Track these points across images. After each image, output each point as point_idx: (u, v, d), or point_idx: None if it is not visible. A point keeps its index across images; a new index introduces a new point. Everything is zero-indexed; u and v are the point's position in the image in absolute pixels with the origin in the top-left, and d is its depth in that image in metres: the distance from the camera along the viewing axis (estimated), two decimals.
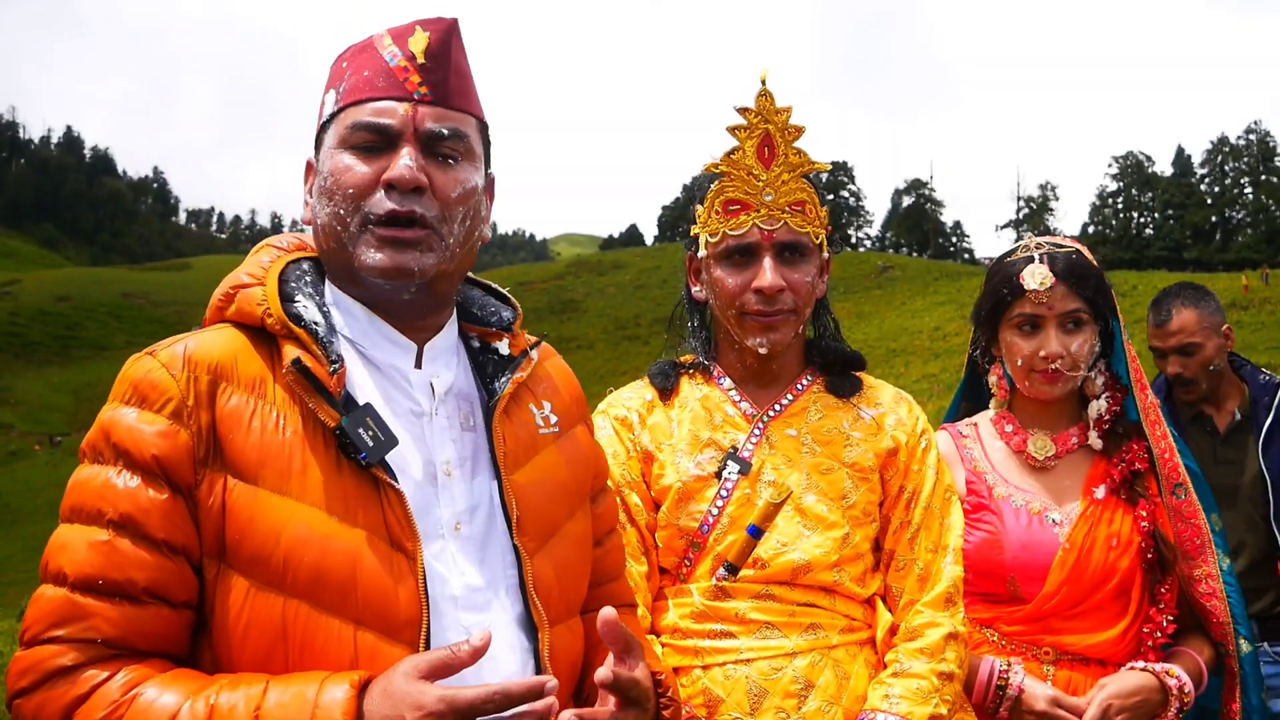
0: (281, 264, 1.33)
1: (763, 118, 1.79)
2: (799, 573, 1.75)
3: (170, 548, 1.17)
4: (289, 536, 1.16)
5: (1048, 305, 2.05)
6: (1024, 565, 2.03)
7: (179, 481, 1.18)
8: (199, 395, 1.20)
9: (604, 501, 1.52)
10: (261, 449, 1.19)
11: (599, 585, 1.48)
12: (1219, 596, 2.07)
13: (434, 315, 1.36)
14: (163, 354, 1.24)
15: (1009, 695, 1.93)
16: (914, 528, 1.83)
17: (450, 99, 1.30)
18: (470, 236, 1.33)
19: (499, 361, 1.39)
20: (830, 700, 1.70)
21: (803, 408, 1.87)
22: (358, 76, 1.30)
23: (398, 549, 1.19)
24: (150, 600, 1.16)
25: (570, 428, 1.45)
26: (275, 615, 1.16)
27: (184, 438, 1.18)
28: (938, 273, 59.38)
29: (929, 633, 1.76)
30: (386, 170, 1.25)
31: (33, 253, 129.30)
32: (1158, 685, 1.95)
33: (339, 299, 1.33)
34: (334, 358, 1.23)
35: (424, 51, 1.29)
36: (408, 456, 1.27)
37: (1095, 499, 2.07)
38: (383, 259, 1.25)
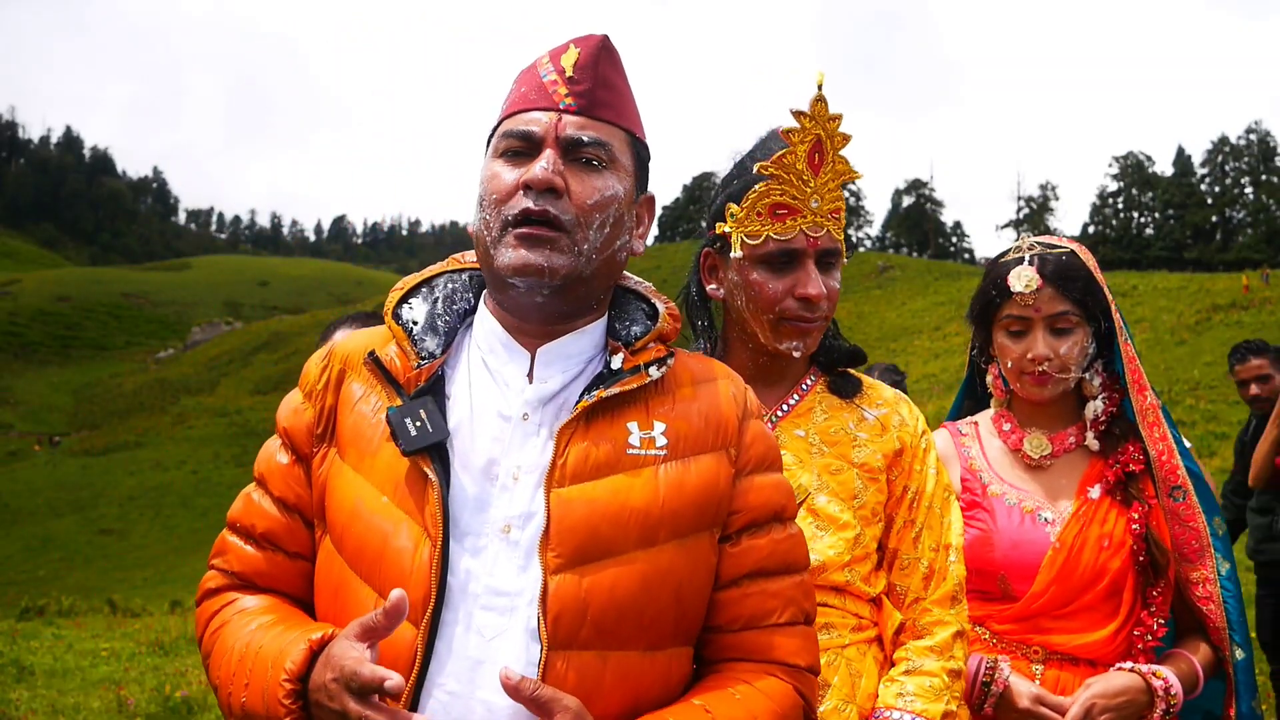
0: (437, 271, 1.47)
1: (817, 122, 1.76)
2: (813, 573, 1.74)
3: (285, 505, 1.39)
4: (350, 508, 1.31)
5: (1034, 308, 2.05)
6: (1014, 563, 2.03)
7: (300, 450, 1.40)
8: (330, 381, 1.40)
9: (748, 541, 1.38)
10: (356, 429, 1.35)
11: (732, 630, 1.37)
12: (1216, 601, 2.06)
13: (565, 322, 1.38)
14: (325, 346, 1.46)
15: (993, 692, 1.93)
16: (918, 527, 1.83)
17: (595, 109, 1.36)
18: (609, 245, 1.35)
19: (606, 375, 1.36)
20: (845, 699, 1.71)
21: (808, 408, 1.88)
22: (516, 94, 1.40)
23: (426, 535, 1.26)
24: (267, 546, 1.39)
25: (688, 455, 1.35)
26: (335, 574, 1.32)
27: (309, 415, 1.40)
28: (938, 273, 59.42)
29: (938, 631, 1.77)
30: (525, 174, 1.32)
31: (33, 253, 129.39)
32: (1143, 686, 1.94)
33: (482, 308, 1.43)
34: (423, 354, 1.35)
35: (573, 65, 1.37)
36: (474, 455, 1.32)
37: (1089, 499, 2.06)
38: (515, 257, 1.31)
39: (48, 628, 12.04)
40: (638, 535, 1.28)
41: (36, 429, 56.04)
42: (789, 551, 1.41)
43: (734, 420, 1.40)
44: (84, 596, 17.21)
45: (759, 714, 1.30)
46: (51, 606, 14.53)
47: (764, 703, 1.31)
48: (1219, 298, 35.60)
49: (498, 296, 1.39)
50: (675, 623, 1.31)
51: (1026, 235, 2.20)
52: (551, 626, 1.24)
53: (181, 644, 10.25)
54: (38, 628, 11.93)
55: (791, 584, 1.40)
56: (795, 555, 1.42)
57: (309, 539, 1.39)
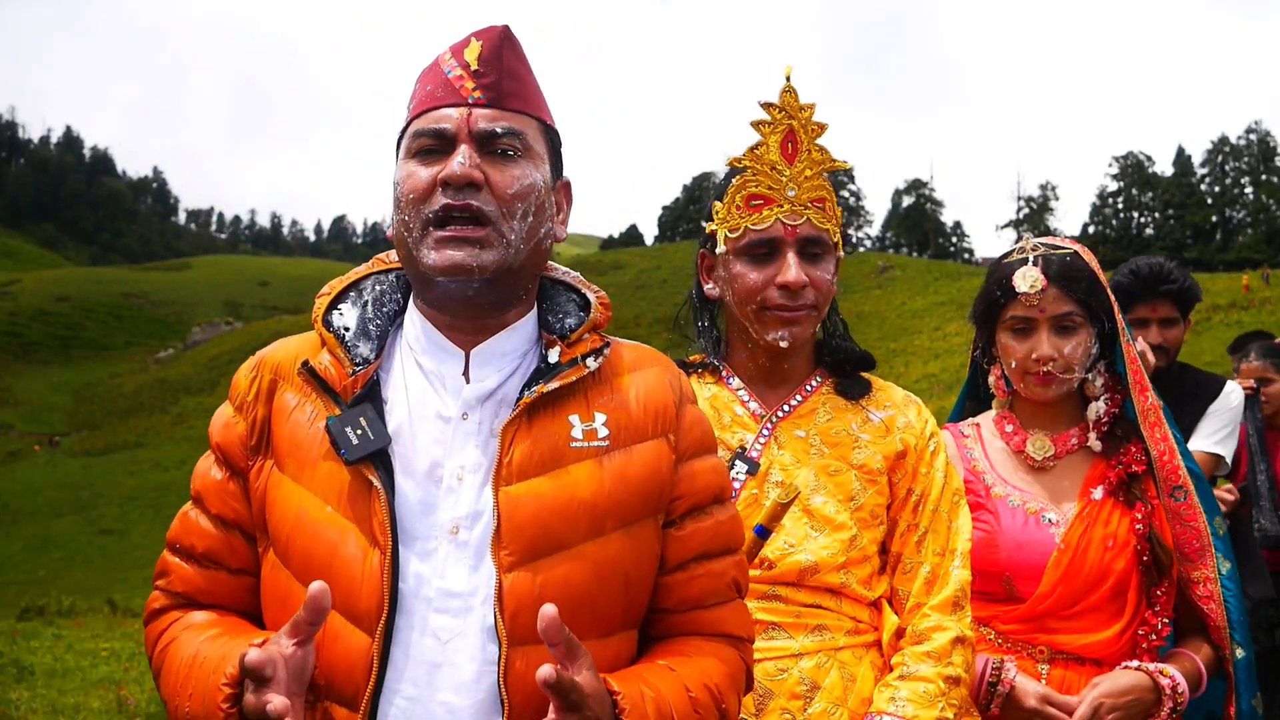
0: (364, 273, 1.46)
1: (787, 113, 1.78)
2: (806, 574, 1.74)
3: (224, 522, 1.37)
4: (292, 519, 1.30)
5: (1039, 308, 2.05)
6: (1019, 565, 2.03)
7: (235, 464, 1.37)
8: (260, 392, 1.38)
9: (692, 525, 1.41)
10: (293, 440, 1.33)
11: (681, 611, 1.41)
12: (1216, 600, 2.06)
13: (495, 315, 1.38)
14: (254, 356, 1.43)
15: (1000, 692, 1.94)
16: (921, 531, 1.82)
17: (505, 101, 1.36)
18: (534, 234, 1.36)
19: (544, 369, 1.36)
20: (836, 702, 1.69)
21: (811, 409, 1.87)
22: (422, 92, 1.39)
23: (374, 543, 1.25)
24: (208, 565, 1.37)
25: (630, 444, 1.36)
26: (281, 587, 1.30)
27: (241, 428, 1.37)
28: (938, 273, 59.42)
29: (936, 636, 1.74)
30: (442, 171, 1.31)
31: (33, 253, 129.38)
32: (1151, 685, 1.94)
33: (410, 307, 1.42)
34: (357, 360, 1.34)
35: (477, 59, 1.37)
36: (416, 458, 1.31)
37: (1092, 500, 2.07)
38: (441, 258, 1.30)
39: (48, 628, 12.04)
40: (586, 527, 1.30)
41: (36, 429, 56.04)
42: (730, 532, 1.45)
43: (672, 406, 1.42)
44: (84, 596, 17.18)
45: (713, 673, 1.35)
46: (51, 606, 14.52)
47: (717, 664, 1.37)
48: (1219, 298, 35.60)
49: (426, 295, 1.38)
50: (624, 610, 1.34)
51: (1029, 236, 2.20)
52: (509, 624, 1.24)
53: None
54: (38, 628, 11.94)
55: (732, 563, 1.45)
56: (735, 535, 1.47)
57: (251, 554, 1.37)
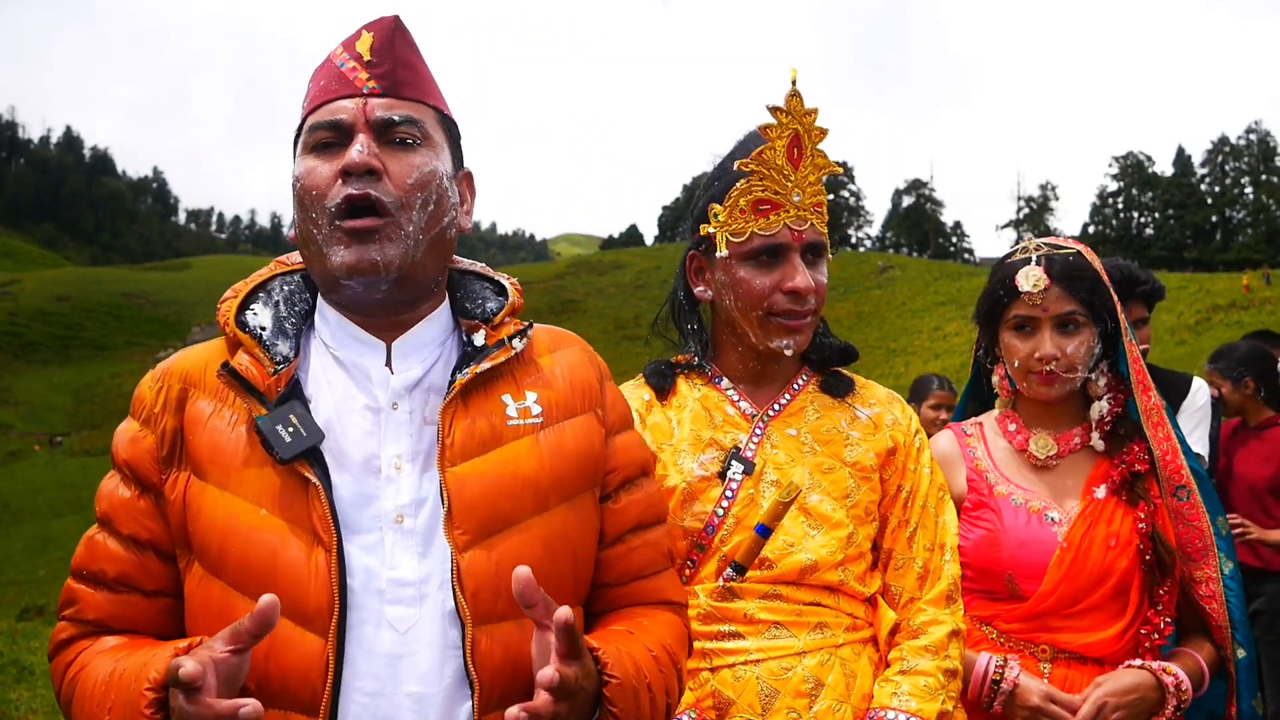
0: (267, 275, 1.43)
1: (793, 117, 1.78)
2: (806, 572, 1.75)
3: (136, 542, 1.33)
4: (223, 527, 1.26)
5: (1042, 307, 2.06)
6: (1022, 563, 2.03)
7: (144, 480, 1.33)
8: (168, 402, 1.34)
9: (626, 497, 1.47)
10: (213, 447, 1.30)
11: (623, 584, 1.45)
12: (1218, 600, 2.07)
13: (410, 310, 1.38)
14: (155, 369, 1.39)
15: (1003, 691, 1.94)
16: (912, 527, 1.83)
17: (400, 89, 1.36)
18: (436, 224, 1.35)
19: (471, 353, 1.38)
20: (840, 699, 1.70)
21: (800, 407, 1.87)
22: (315, 87, 1.39)
23: (317, 541, 1.24)
24: (121, 589, 1.33)
25: (562, 419, 1.40)
26: (215, 599, 1.27)
27: (149, 442, 1.33)
28: (938, 273, 59.42)
29: (933, 630, 1.76)
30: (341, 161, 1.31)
31: (33, 253, 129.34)
32: (1154, 683, 1.94)
33: (321, 306, 1.41)
34: (277, 359, 1.32)
35: (369, 49, 1.36)
36: (349, 451, 1.31)
37: (1095, 499, 2.07)
38: (348, 256, 1.29)
39: (48, 628, 12.01)
40: (532, 503, 1.33)
41: (36, 429, 56.02)
42: (659, 503, 1.53)
43: (596, 382, 1.47)
44: None
45: (665, 636, 1.42)
46: (51, 606, 14.50)
47: (667, 630, 1.43)
48: (1219, 298, 35.63)
49: (333, 297, 1.37)
50: (574, 583, 1.38)
51: (1031, 236, 2.21)
52: (471, 603, 1.25)
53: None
54: (38, 627, 11.92)
55: (664, 532, 1.52)
56: (662, 505, 1.55)
57: (168, 574, 1.33)
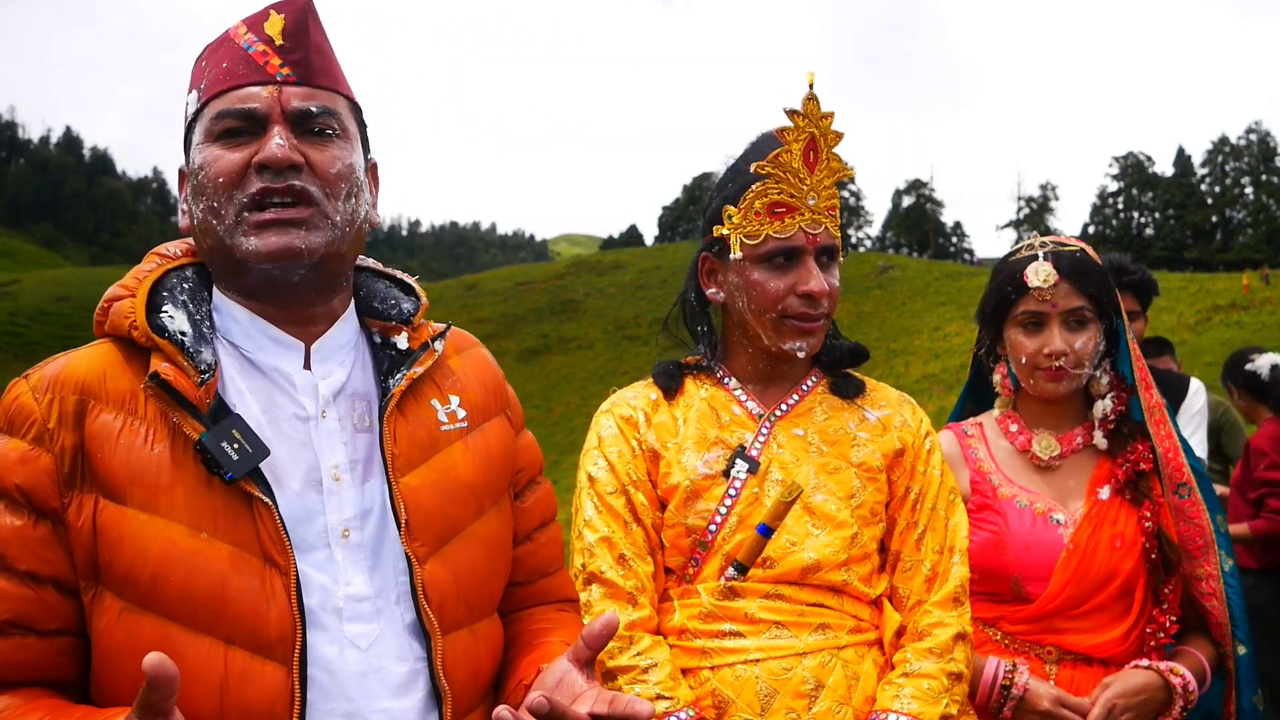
0: (159, 272, 1.29)
1: (810, 121, 1.78)
2: (808, 572, 1.74)
3: (34, 577, 1.14)
4: (156, 555, 1.13)
5: (1051, 303, 2.06)
6: (1027, 565, 2.03)
7: (43, 506, 1.15)
8: (63, 416, 1.17)
9: (531, 495, 1.46)
10: (129, 467, 1.15)
11: (530, 582, 1.45)
12: (1219, 597, 2.07)
13: (323, 304, 1.30)
14: (33, 378, 1.21)
15: (1013, 695, 1.94)
16: (920, 529, 1.83)
17: (315, 78, 1.27)
18: (356, 216, 1.29)
19: (396, 356, 1.32)
20: (840, 700, 1.70)
21: (809, 408, 1.87)
22: (217, 70, 1.27)
23: (269, 563, 1.15)
24: (15, 631, 1.14)
25: (483, 422, 1.38)
26: (146, 635, 1.12)
27: (45, 461, 1.15)
28: (938, 273, 59.41)
29: (937, 633, 1.75)
30: (257, 154, 1.22)
31: (33, 253, 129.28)
32: (1161, 684, 1.95)
33: (221, 303, 1.29)
34: (202, 368, 1.19)
35: (281, 33, 1.27)
36: (286, 465, 1.21)
37: (1099, 499, 2.07)
38: (265, 243, 1.21)
39: None
40: (472, 508, 1.32)
41: None
42: (553, 501, 1.53)
43: (502, 382, 1.46)
44: None
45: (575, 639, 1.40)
46: None
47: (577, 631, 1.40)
48: (1219, 298, 35.63)
49: (241, 286, 1.27)
50: (504, 583, 1.39)
51: (1036, 234, 2.21)
52: (438, 614, 1.22)
53: None
54: None
55: (557, 529, 1.53)
56: (555, 504, 1.54)
57: (69, 609, 1.16)
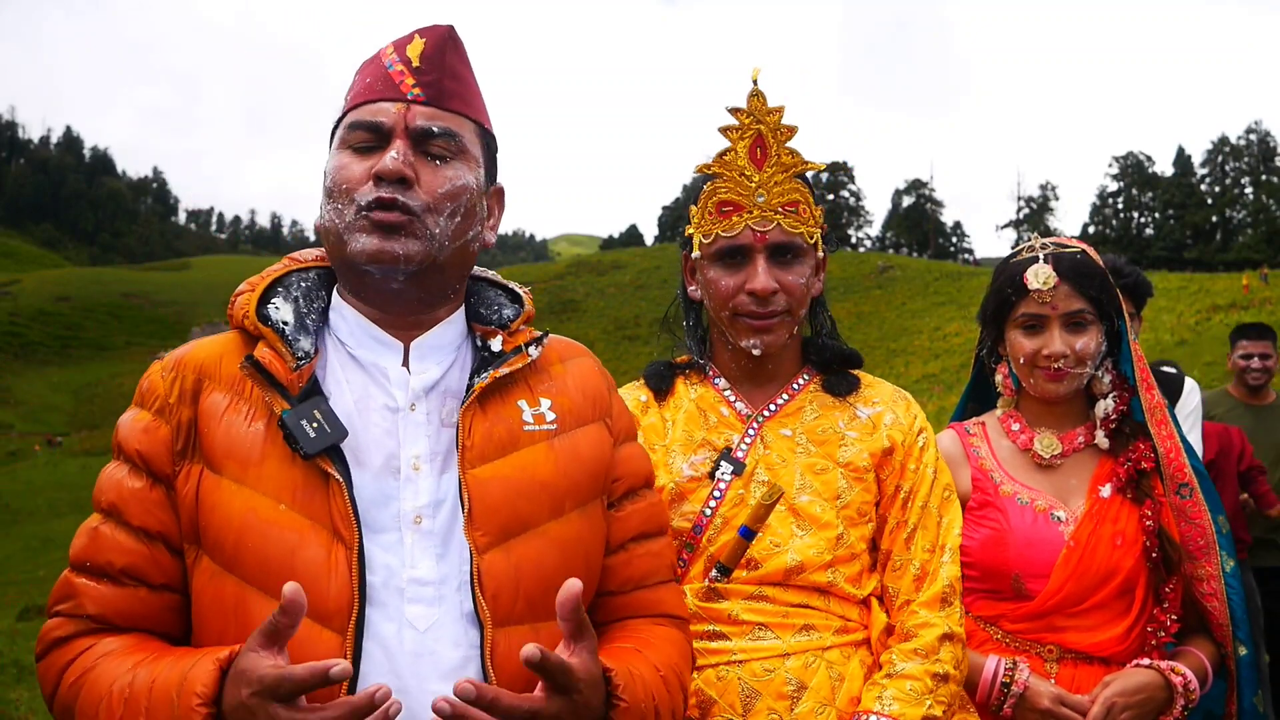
0: (282, 271, 1.42)
1: (755, 118, 1.77)
2: (792, 573, 1.74)
3: (146, 534, 1.29)
4: (239, 523, 1.24)
5: (1051, 305, 2.06)
6: (1028, 563, 2.03)
7: (158, 472, 1.30)
8: (183, 393, 1.32)
9: (629, 506, 1.47)
10: (229, 441, 1.28)
11: (624, 593, 1.45)
12: (1220, 598, 2.07)
13: (425, 311, 1.39)
14: (166, 358, 1.37)
15: (1013, 693, 1.94)
16: (910, 527, 1.82)
17: (444, 100, 1.37)
18: (462, 234, 1.37)
19: (488, 358, 1.39)
20: (823, 702, 1.69)
21: (798, 407, 1.87)
22: (361, 84, 1.39)
23: (337, 538, 1.23)
24: (128, 581, 1.28)
25: (575, 427, 1.42)
26: (228, 595, 1.24)
27: (164, 432, 1.31)
28: (938, 273, 59.40)
29: (923, 633, 1.74)
30: (375, 165, 1.32)
31: (33, 253, 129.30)
32: (1162, 683, 1.95)
33: (337, 303, 1.41)
34: (299, 354, 1.31)
35: (419, 56, 1.37)
36: (369, 449, 1.31)
37: (1100, 497, 2.07)
38: (369, 243, 1.30)
39: None
40: (548, 507, 1.34)
41: (37, 429, 56.01)
42: (661, 514, 1.54)
43: (606, 393, 1.49)
44: None
45: (672, 654, 1.42)
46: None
47: (671, 647, 1.44)
48: (1219, 298, 35.61)
49: (353, 286, 1.38)
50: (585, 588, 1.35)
51: (1036, 235, 2.21)
52: (491, 605, 1.26)
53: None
54: (38, 628, 11.91)
55: (665, 544, 1.53)
56: (664, 517, 1.56)
57: (176, 567, 1.30)
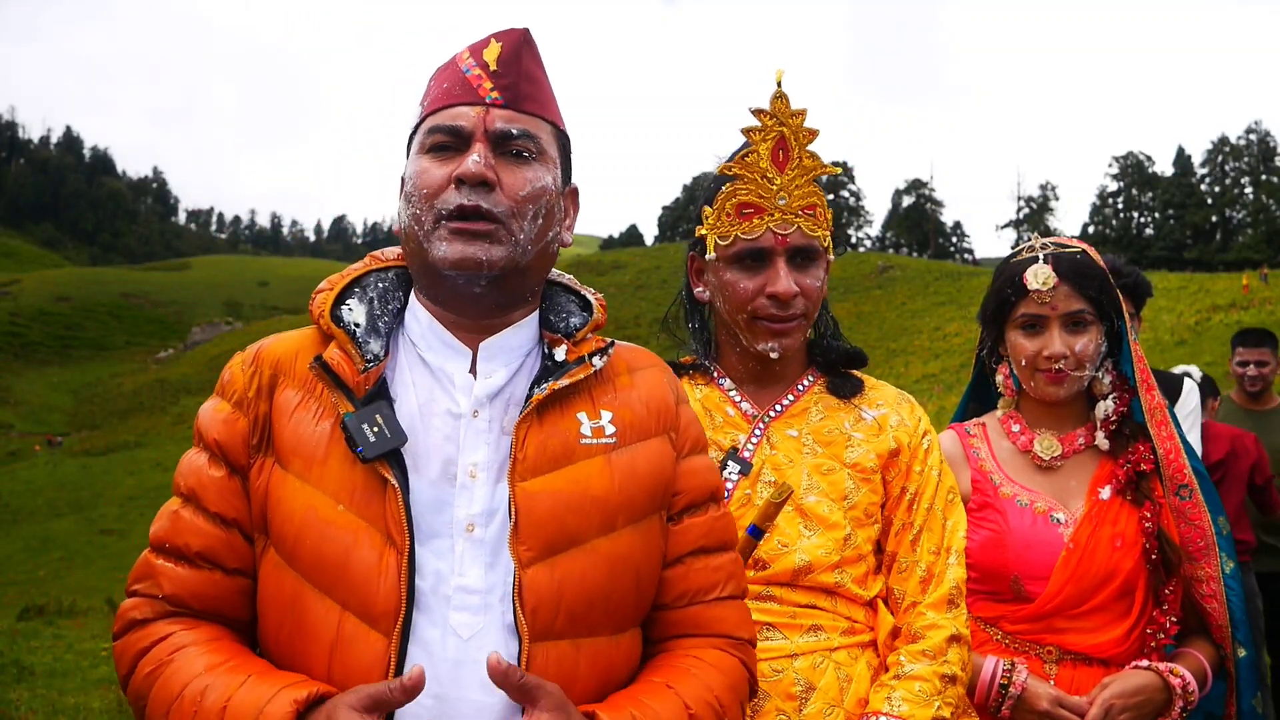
0: (362, 271, 1.44)
1: (778, 120, 1.76)
2: (800, 574, 1.74)
3: (222, 520, 1.32)
4: (300, 519, 1.27)
5: (1051, 305, 2.06)
6: (1027, 564, 2.03)
7: (235, 462, 1.33)
8: (260, 388, 1.35)
9: (689, 519, 1.44)
10: (297, 438, 1.31)
11: (678, 606, 1.42)
12: (1219, 599, 2.07)
13: (501, 314, 1.39)
14: (248, 351, 1.40)
15: (1011, 694, 1.94)
16: (916, 529, 1.81)
17: (521, 103, 1.37)
18: (543, 236, 1.37)
19: (550, 367, 1.37)
20: (831, 703, 1.69)
21: (804, 408, 1.86)
22: (438, 89, 1.40)
23: (389, 542, 1.25)
24: (203, 564, 1.31)
25: (635, 441, 1.39)
26: (287, 588, 1.27)
27: (242, 425, 1.34)
28: (938, 273, 59.40)
29: (931, 634, 1.74)
30: (457, 169, 1.32)
31: (33, 253, 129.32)
32: (1161, 684, 1.95)
33: (413, 304, 1.42)
34: (368, 356, 1.32)
35: (496, 60, 1.38)
36: (429, 455, 1.31)
37: (1100, 499, 2.07)
38: (451, 250, 1.31)
39: (48, 628, 12.02)
40: (599, 523, 1.32)
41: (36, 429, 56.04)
42: (724, 529, 1.48)
43: (672, 405, 1.46)
44: (84, 596, 17.15)
45: (714, 686, 1.35)
46: (51, 606, 14.49)
47: (717, 675, 1.37)
48: (1219, 298, 35.62)
49: (431, 291, 1.38)
50: (635, 605, 1.36)
51: (1036, 235, 2.21)
52: (530, 619, 1.25)
53: None
54: (38, 628, 11.92)
55: (729, 559, 1.47)
56: (730, 533, 1.49)
57: (249, 554, 1.33)
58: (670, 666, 1.37)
